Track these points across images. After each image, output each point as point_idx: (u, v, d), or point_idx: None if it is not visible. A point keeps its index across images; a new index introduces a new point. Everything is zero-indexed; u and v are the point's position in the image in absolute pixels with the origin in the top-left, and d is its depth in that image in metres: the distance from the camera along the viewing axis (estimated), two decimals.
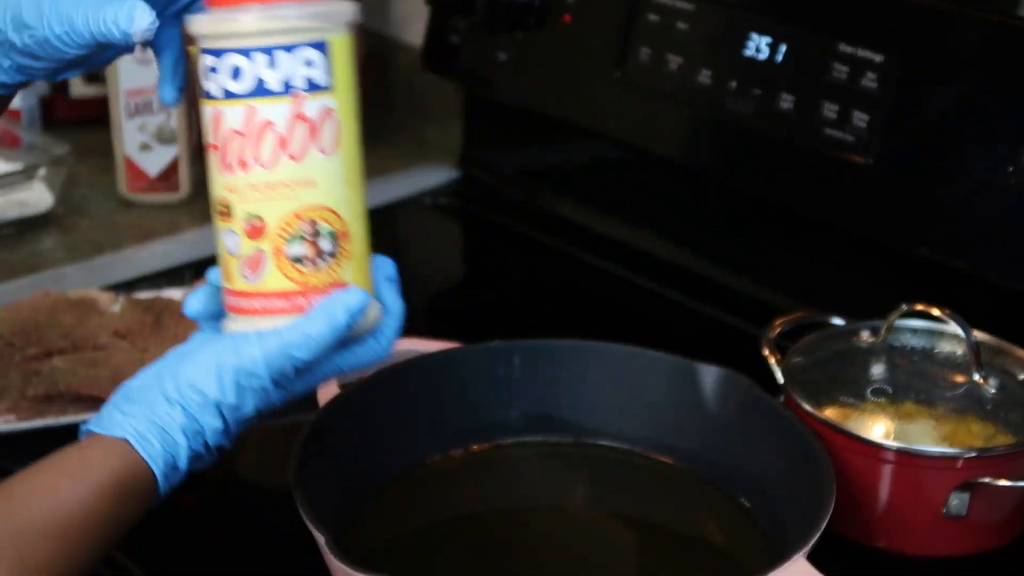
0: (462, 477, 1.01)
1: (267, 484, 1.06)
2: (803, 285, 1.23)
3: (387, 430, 0.98)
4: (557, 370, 1.02)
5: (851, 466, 0.92)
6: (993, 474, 0.90)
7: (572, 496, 1.02)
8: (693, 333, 1.24)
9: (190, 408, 0.78)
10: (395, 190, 1.51)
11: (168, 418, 0.77)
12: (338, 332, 0.78)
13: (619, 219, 1.39)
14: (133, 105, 1.43)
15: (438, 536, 0.96)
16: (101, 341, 1.15)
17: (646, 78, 1.27)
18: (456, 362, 1.02)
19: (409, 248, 1.47)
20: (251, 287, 0.79)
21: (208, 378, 0.78)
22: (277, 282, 0.78)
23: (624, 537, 0.98)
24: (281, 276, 0.78)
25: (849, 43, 1.12)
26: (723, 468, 0.98)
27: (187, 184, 1.47)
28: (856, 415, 0.95)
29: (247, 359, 0.78)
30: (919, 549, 0.94)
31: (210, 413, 0.78)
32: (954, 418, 0.95)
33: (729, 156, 1.22)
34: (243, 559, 0.95)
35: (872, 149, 1.11)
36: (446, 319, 1.29)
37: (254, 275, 0.79)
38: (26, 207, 1.40)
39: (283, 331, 0.78)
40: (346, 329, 0.79)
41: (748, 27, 1.19)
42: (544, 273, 1.36)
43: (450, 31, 1.45)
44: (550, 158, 1.48)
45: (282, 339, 0.77)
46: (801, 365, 0.99)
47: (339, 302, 0.78)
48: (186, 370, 0.78)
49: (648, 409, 1.01)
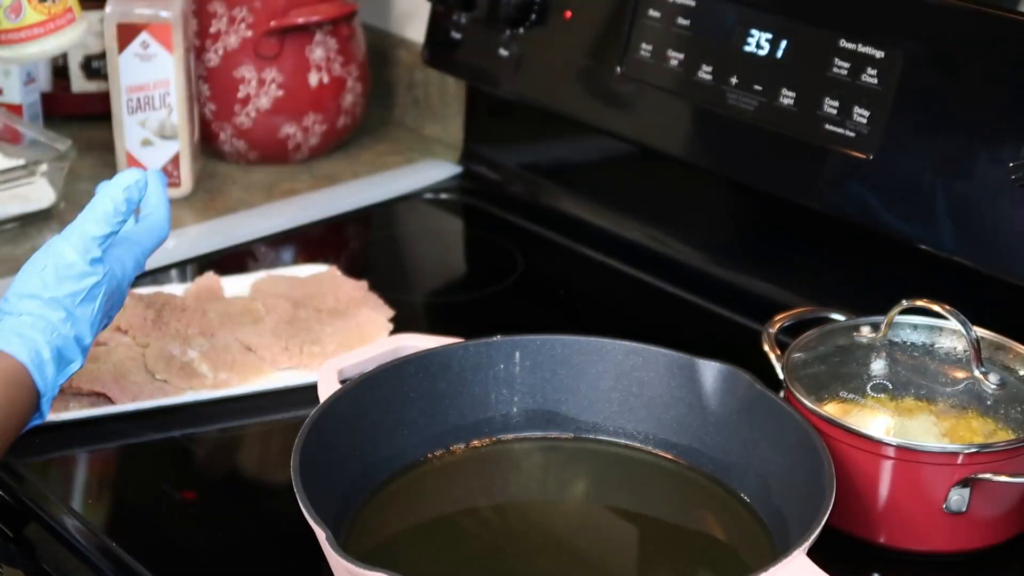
0: (463, 473, 1.01)
1: (268, 480, 1.07)
2: (804, 281, 1.23)
3: (388, 426, 0.98)
4: (558, 366, 1.03)
5: (852, 462, 0.92)
6: (993, 470, 0.90)
7: (573, 492, 1.02)
8: (694, 329, 1.24)
9: (33, 312, 0.90)
10: (396, 186, 1.51)
11: (18, 323, 0.90)
12: (118, 202, 0.93)
13: (620, 214, 1.39)
14: (134, 101, 1.43)
15: (439, 531, 0.96)
16: (102, 337, 1.15)
17: (647, 74, 1.27)
18: (457, 358, 1.02)
19: (410, 244, 1.47)
20: (15, 25, 1.24)
21: (32, 280, 0.91)
22: (32, 18, 1.24)
23: (625, 533, 0.98)
24: (34, 13, 1.24)
25: (850, 39, 1.12)
26: (724, 464, 0.98)
27: (188, 180, 1.47)
28: (857, 411, 0.95)
29: (55, 252, 0.92)
30: (919, 545, 0.94)
31: (50, 308, 0.91)
32: (954, 414, 0.95)
33: (730, 152, 1.22)
34: (244, 555, 0.95)
35: (873, 145, 1.11)
36: (447, 315, 1.29)
37: (17, 17, 1.24)
38: (28, 202, 1.41)
39: (78, 220, 0.93)
40: (124, 200, 0.94)
41: (749, 23, 1.19)
42: (545, 269, 1.36)
43: (451, 27, 1.45)
44: (551, 154, 1.48)
45: (77, 225, 0.93)
46: (802, 361, 0.99)
47: (114, 182, 0.95)
48: (16, 284, 0.92)
49: (649, 405, 1.01)
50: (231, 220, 1.43)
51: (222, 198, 1.49)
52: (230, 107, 1.52)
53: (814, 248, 1.23)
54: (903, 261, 1.13)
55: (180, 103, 1.44)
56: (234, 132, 1.53)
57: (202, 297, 1.21)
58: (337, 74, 1.54)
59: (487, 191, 1.50)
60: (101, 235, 0.93)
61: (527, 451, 1.03)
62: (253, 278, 1.26)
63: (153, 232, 0.99)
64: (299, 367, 1.14)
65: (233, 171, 1.55)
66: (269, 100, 1.52)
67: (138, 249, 0.98)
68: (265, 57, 1.51)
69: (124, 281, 0.96)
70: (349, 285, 1.25)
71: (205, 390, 1.10)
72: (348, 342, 1.15)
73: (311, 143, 1.56)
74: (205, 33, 1.51)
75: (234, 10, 1.50)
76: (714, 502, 0.97)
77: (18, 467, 1.02)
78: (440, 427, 1.01)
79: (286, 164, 1.57)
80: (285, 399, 1.11)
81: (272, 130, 1.54)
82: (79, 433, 1.06)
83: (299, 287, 1.24)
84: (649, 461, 1.01)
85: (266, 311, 1.19)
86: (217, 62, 1.51)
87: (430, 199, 1.49)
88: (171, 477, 1.03)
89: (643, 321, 1.26)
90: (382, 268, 1.39)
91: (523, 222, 1.43)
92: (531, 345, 1.03)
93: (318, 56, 1.53)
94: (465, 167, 1.54)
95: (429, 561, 0.93)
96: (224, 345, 1.14)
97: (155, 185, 0.99)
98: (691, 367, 0.99)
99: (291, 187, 1.52)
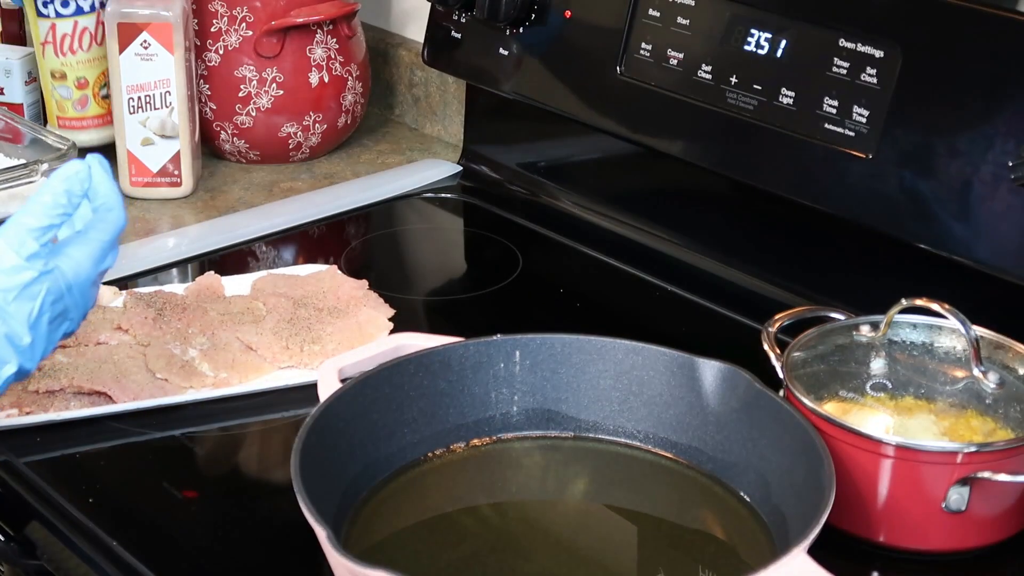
0: (463, 471, 1.01)
1: (268, 478, 1.07)
2: (803, 280, 1.23)
3: (388, 425, 0.98)
4: (558, 365, 1.03)
5: (851, 461, 0.92)
6: (992, 469, 0.90)
7: (573, 490, 1.02)
8: (694, 328, 1.24)
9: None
10: (397, 185, 1.51)
11: None
12: (57, 193, 0.89)
13: (620, 214, 1.39)
14: (135, 100, 1.43)
15: (439, 530, 0.96)
16: (103, 336, 1.15)
17: (647, 73, 1.27)
18: (457, 357, 1.02)
19: (410, 243, 1.48)
20: (80, 115, 1.41)
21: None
22: (94, 111, 1.41)
23: (625, 531, 0.98)
24: (96, 107, 1.41)
25: (849, 38, 1.12)
26: (723, 463, 0.98)
27: (189, 179, 1.47)
28: (856, 410, 0.95)
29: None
30: (918, 543, 0.94)
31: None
32: (954, 413, 0.95)
33: (729, 151, 1.22)
34: (244, 553, 0.95)
35: (872, 144, 1.11)
36: (447, 314, 1.29)
37: (82, 109, 1.39)
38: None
39: (15, 214, 0.89)
40: (63, 192, 0.90)
41: (749, 22, 1.19)
42: (545, 268, 1.36)
43: (451, 26, 1.45)
44: (551, 153, 1.48)
45: (13, 219, 0.88)
46: (801, 360, 0.99)
47: (55, 173, 0.90)
48: None
49: (649, 404, 1.01)
50: (231, 219, 1.43)
51: (223, 197, 1.49)
52: (231, 106, 1.52)
53: (813, 247, 1.23)
54: (902, 260, 1.13)
55: (181, 102, 1.44)
56: (235, 131, 1.53)
57: (203, 296, 1.22)
58: (337, 73, 1.55)
59: (487, 190, 1.50)
60: (38, 227, 0.88)
61: (527, 450, 1.03)
62: (254, 277, 1.26)
63: (107, 223, 0.92)
64: (299, 366, 1.14)
65: (234, 170, 1.55)
66: (269, 99, 1.52)
67: (94, 244, 0.91)
68: (266, 56, 1.51)
69: (81, 280, 0.90)
70: (349, 284, 1.25)
71: (206, 389, 1.10)
72: (348, 341, 1.15)
73: (311, 142, 1.56)
74: (206, 32, 1.51)
75: (235, 9, 1.50)
76: (714, 501, 0.97)
77: (19, 466, 1.02)
78: (440, 426, 1.01)
79: (286, 163, 1.57)
80: (285, 398, 1.11)
81: (272, 129, 1.54)
82: (79, 432, 1.06)
83: (299, 286, 1.24)
84: (649, 460, 1.01)
85: (266, 310, 1.19)
86: (218, 61, 1.51)
87: (430, 198, 1.49)
88: (171, 476, 1.03)
89: (643, 320, 1.26)
90: (382, 267, 1.39)
91: (523, 221, 1.43)
92: (531, 344, 1.03)
93: (318, 55, 1.53)
94: (465, 166, 1.54)
95: (429, 560, 0.93)
96: (225, 344, 1.14)
97: (100, 173, 0.92)
98: (691, 366, 1.00)
99: (291, 186, 1.52)
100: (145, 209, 1.45)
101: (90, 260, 0.91)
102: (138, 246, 1.37)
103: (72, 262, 0.90)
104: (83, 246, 0.91)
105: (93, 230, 0.92)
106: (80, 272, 0.90)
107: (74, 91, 1.51)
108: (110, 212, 0.93)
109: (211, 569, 0.94)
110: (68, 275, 0.90)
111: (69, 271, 0.90)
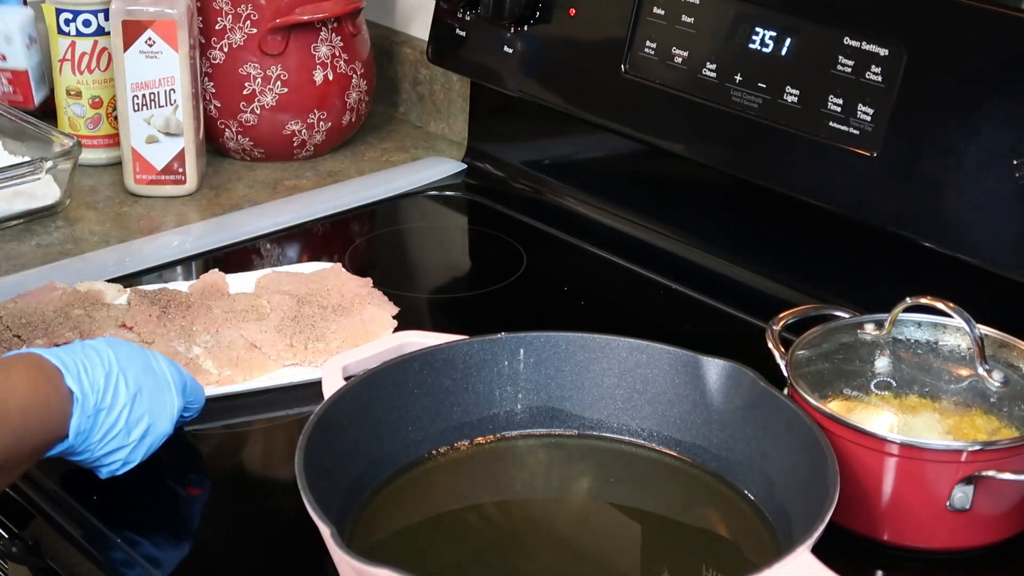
0: (467, 469, 1.01)
1: (272, 476, 1.07)
2: (808, 278, 1.23)
3: (392, 422, 0.98)
4: (562, 363, 1.03)
5: (855, 459, 0.92)
6: (997, 467, 0.90)
7: (577, 488, 1.02)
8: (698, 326, 1.24)
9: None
10: (401, 183, 1.51)
11: None
12: None
13: (624, 211, 1.39)
14: (139, 98, 1.43)
15: (443, 528, 0.96)
16: (108, 333, 1.15)
17: (651, 71, 1.27)
18: (462, 355, 1.02)
19: (415, 240, 1.48)
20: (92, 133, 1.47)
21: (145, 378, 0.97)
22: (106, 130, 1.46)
23: (629, 529, 0.98)
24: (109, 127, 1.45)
25: (854, 37, 1.12)
26: (728, 461, 0.98)
27: (193, 177, 1.47)
28: (860, 408, 0.95)
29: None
30: (923, 542, 0.94)
31: None
32: (958, 411, 0.95)
33: (734, 149, 1.22)
34: (249, 551, 0.96)
35: (877, 142, 1.11)
36: (451, 311, 1.29)
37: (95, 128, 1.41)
38: (33, 199, 1.41)
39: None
40: None
41: (753, 20, 1.19)
42: (549, 265, 1.36)
43: (456, 24, 1.45)
44: (555, 151, 1.48)
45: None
46: (806, 358, 0.99)
47: None
48: None
49: (653, 402, 1.01)
50: (236, 217, 1.43)
51: (227, 195, 1.49)
52: (235, 104, 1.53)
53: (818, 245, 1.23)
54: (907, 258, 1.13)
55: (185, 100, 1.44)
56: (239, 129, 1.53)
57: (207, 294, 1.22)
58: (342, 71, 1.55)
59: (491, 188, 1.50)
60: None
61: (531, 448, 1.03)
62: (258, 275, 1.26)
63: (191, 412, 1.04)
64: (303, 364, 1.14)
65: (238, 168, 1.55)
66: (274, 97, 1.52)
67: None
68: (270, 54, 1.51)
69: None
70: (353, 282, 1.25)
71: (210, 386, 1.10)
72: (352, 339, 1.15)
73: (316, 140, 1.56)
74: (210, 30, 1.51)
75: (239, 7, 1.50)
76: (718, 499, 0.97)
77: None
78: (444, 424, 1.01)
79: (291, 161, 1.57)
80: (289, 396, 1.11)
81: (277, 127, 1.54)
82: None
83: (303, 284, 1.24)
84: (653, 458, 1.01)
85: (271, 308, 1.19)
86: (222, 59, 1.51)
87: (434, 196, 1.49)
88: (176, 473, 1.03)
89: (647, 318, 1.26)
90: (386, 265, 1.39)
91: (527, 219, 1.43)
92: (535, 342, 1.03)
93: (323, 53, 1.53)
94: (469, 164, 1.54)
95: (433, 557, 0.93)
96: (229, 341, 1.14)
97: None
98: (695, 364, 1.00)
99: (296, 184, 1.52)
100: (149, 207, 1.45)
101: None
102: (142, 243, 1.37)
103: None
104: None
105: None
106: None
107: (88, 110, 1.51)
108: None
109: (215, 566, 0.94)
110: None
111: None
